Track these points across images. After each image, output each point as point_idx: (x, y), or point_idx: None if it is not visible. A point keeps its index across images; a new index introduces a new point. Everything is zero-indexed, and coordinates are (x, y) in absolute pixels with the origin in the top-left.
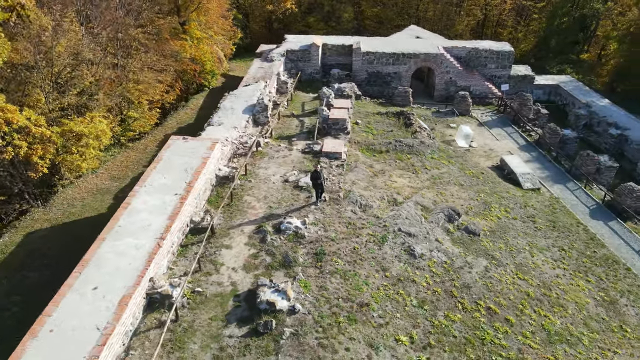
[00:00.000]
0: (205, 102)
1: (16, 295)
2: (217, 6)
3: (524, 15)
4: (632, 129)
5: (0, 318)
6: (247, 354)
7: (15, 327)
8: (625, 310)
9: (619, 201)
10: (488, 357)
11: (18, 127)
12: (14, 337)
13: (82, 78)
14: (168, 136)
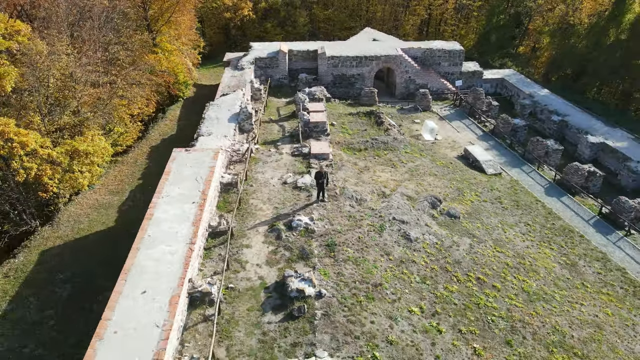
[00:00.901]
0: (182, 112)
1: (49, 309)
2: (189, 19)
3: (465, 14)
4: (571, 115)
5: (41, 332)
6: (287, 335)
7: (56, 338)
8: (584, 270)
9: (568, 179)
10: (484, 318)
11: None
12: (61, 347)
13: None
14: (154, 148)
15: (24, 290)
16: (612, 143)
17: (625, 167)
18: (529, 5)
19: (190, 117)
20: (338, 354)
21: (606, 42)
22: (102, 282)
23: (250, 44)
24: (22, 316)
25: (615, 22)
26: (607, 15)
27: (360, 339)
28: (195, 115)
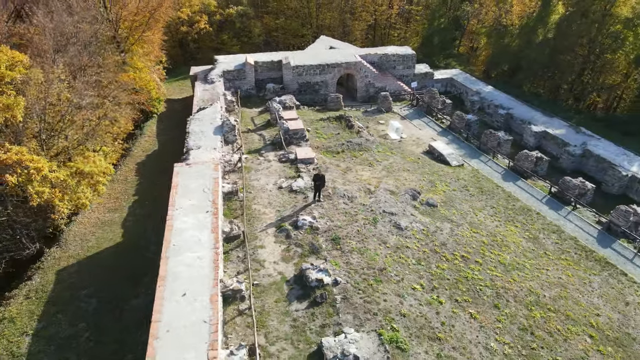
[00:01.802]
0: (159, 128)
1: (80, 323)
2: (159, 38)
3: (408, 18)
4: (514, 108)
5: (77, 344)
6: (315, 319)
7: (94, 348)
8: (544, 242)
9: (519, 165)
10: (474, 288)
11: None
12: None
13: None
14: (140, 164)
15: (50, 309)
16: (552, 131)
17: (565, 152)
18: (466, 9)
19: (168, 132)
20: (362, 329)
21: (535, 40)
22: (125, 293)
23: (215, 58)
24: (54, 332)
25: (542, 22)
26: (535, 17)
27: (377, 315)
28: (172, 129)
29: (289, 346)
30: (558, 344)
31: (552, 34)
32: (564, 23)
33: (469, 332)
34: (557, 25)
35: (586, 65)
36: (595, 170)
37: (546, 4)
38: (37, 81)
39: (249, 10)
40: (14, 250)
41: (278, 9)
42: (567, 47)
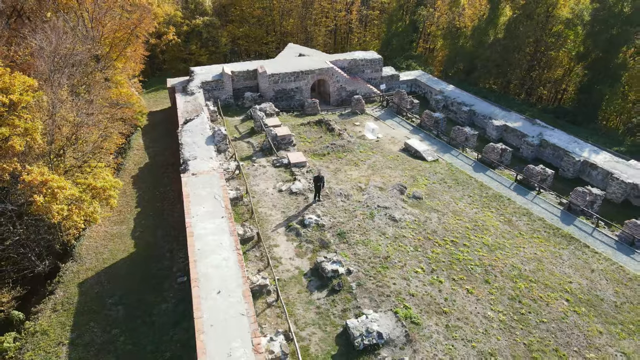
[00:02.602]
0: (145, 141)
1: (113, 329)
2: (142, 52)
3: (366, 23)
4: (476, 105)
5: (115, 348)
6: (336, 305)
7: (132, 350)
8: (518, 224)
9: (487, 157)
10: (466, 267)
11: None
12: (141, 355)
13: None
14: (135, 177)
15: (81, 319)
16: (511, 124)
17: (525, 142)
18: (422, 13)
19: (155, 144)
20: (379, 309)
21: (487, 41)
22: (150, 298)
23: (191, 69)
24: (90, 340)
25: (492, 24)
26: (485, 19)
27: (390, 296)
28: (159, 141)
29: (318, 330)
30: (542, 308)
31: (501, 35)
32: (512, 25)
33: (468, 304)
34: (506, 27)
35: (533, 62)
36: (552, 158)
37: (495, 7)
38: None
39: (215, 20)
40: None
41: (241, 17)
42: (516, 46)
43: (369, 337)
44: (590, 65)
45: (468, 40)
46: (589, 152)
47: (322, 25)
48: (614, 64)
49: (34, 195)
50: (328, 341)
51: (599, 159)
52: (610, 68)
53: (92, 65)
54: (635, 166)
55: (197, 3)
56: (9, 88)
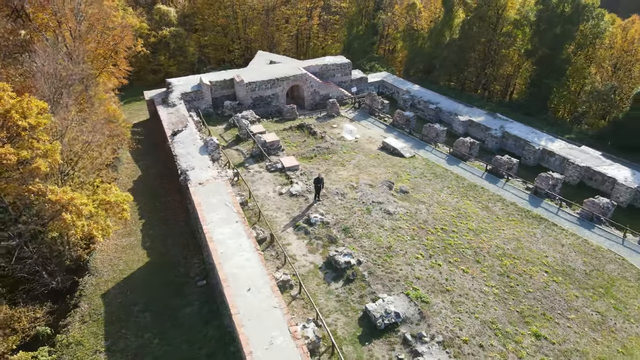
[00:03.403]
0: (133, 154)
1: (146, 334)
2: (125, 68)
3: (327, 27)
4: (441, 102)
5: (151, 350)
6: (353, 292)
7: (168, 350)
8: (494, 210)
9: (458, 150)
10: (458, 251)
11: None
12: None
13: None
14: (132, 190)
15: (111, 327)
16: (475, 119)
17: (489, 135)
18: (381, 17)
19: (144, 157)
20: (392, 292)
21: (444, 41)
22: (175, 303)
23: (168, 81)
24: (125, 346)
25: (447, 26)
26: (440, 21)
27: (400, 281)
28: (147, 154)
29: (341, 315)
30: (527, 280)
31: (457, 36)
32: (466, 26)
33: (466, 282)
34: (461, 28)
35: (487, 60)
36: (514, 148)
37: (449, 10)
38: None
39: (182, 31)
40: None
41: (205, 26)
42: (471, 46)
43: (388, 317)
44: (538, 62)
45: (426, 42)
46: (546, 141)
47: (284, 31)
48: (558, 60)
49: (63, 213)
50: (352, 324)
51: (555, 147)
52: (556, 63)
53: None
54: (587, 151)
55: (162, 14)
56: (26, 112)
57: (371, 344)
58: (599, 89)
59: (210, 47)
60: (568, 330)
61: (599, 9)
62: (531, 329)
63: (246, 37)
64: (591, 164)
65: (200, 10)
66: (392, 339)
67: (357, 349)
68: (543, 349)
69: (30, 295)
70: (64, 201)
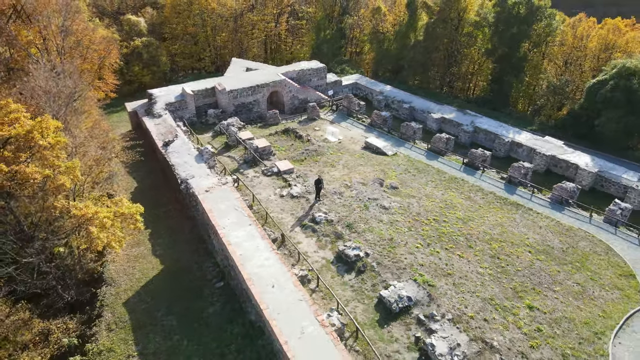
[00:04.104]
0: (124, 167)
1: (174, 335)
2: (113, 81)
3: (295, 32)
4: (414, 101)
5: (182, 350)
6: (366, 282)
7: (199, 349)
8: (476, 199)
9: (436, 146)
10: (452, 238)
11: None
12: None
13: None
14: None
15: (139, 333)
16: (447, 116)
17: (461, 130)
18: (348, 21)
19: (136, 169)
20: (401, 279)
21: (409, 43)
22: (196, 304)
23: (150, 92)
24: (156, 348)
25: (412, 28)
26: (405, 24)
27: (406, 268)
28: (139, 167)
29: (358, 304)
30: (515, 260)
31: (421, 37)
32: (430, 28)
33: (463, 266)
34: (425, 30)
35: (451, 59)
36: (485, 141)
37: (413, 13)
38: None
39: (154, 41)
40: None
41: (174, 34)
42: (435, 47)
43: (401, 301)
44: (498, 60)
45: (392, 43)
46: (513, 134)
47: (252, 37)
48: (516, 58)
49: (89, 227)
50: (369, 311)
51: (522, 139)
52: (514, 61)
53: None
54: (550, 141)
55: (132, 24)
56: (44, 131)
57: (389, 326)
58: (555, 84)
59: (180, 56)
60: (555, 301)
61: (550, 9)
62: (525, 302)
63: (216, 45)
64: (555, 152)
65: (169, 19)
66: (408, 320)
67: (377, 332)
68: (537, 318)
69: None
70: (89, 215)
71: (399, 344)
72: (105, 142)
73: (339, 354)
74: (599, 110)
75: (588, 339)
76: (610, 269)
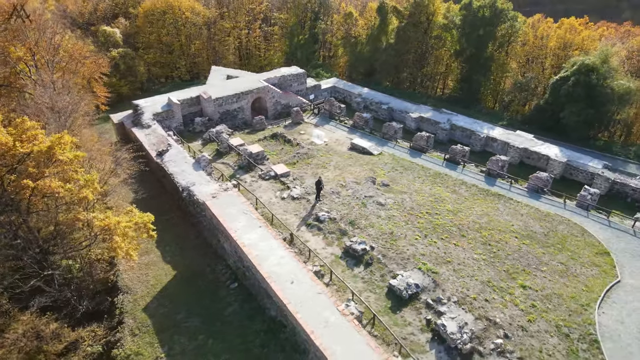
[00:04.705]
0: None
1: (199, 335)
2: (104, 94)
3: (268, 38)
4: (391, 102)
5: (207, 348)
6: (374, 274)
7: (224, 346)
8: (461, 192)
9: (417, 144)
10: (445, 229)
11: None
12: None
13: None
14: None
15: (163, 336)
16: (425, 115)
17: (439, 128)
18: (321, 26)
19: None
20: (406, 269)
21: (381, 46)
22: (215, 305)
23: (135, 103)
24: (183, 349)
25: (384, 32)
26: (377, 28)
27: (410, 258)
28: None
29: (370, 293)
30: (504, 246)
31: (393, 40)
32: (401, 31)
33: (460, 253)
34: (396, 33)
35: (422, 61)
36: (462, 137)
37: (383, 18)
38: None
39: (130, 51)
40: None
41: (148, 44)
42: (407, 49)
43: (410, 289)
44: (466, 60)
45: (365, 47)
46: (487, 129)
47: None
48: (483, 58)
49: (114, 236)
50: (381, 299)
51: (496, 134)
52: (481, 61)
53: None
54: (522, 135)
55: (107, 35)
56: (64, 147)
57: (401, 311)
58: (521, 81)
59: (156, 65)
60: (544, 280)
61: (513, 11)
62: (518, 282)
63: (190, 53)
64: (527, 145)
65: (141, 29)
66: (417, 305)
67: (392, 318)
68: (530, 296)
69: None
70: (111, 225)
71: (413, 326)
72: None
73: (363, 339)
74: (563, 104)
75: (576, 311)
76: (587, 248)
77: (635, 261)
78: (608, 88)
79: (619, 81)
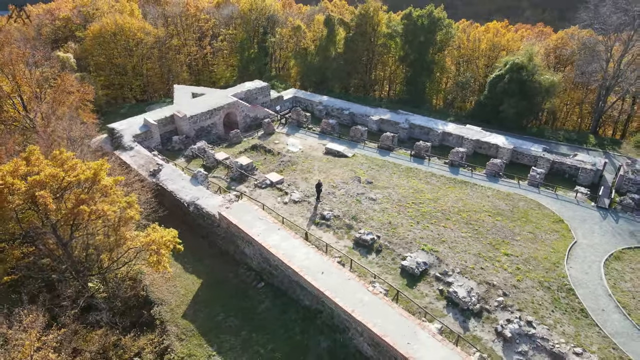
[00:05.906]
0: None
1: (241, 331)
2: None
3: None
4: (352, 108)
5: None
6: (386, 259)
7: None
8: (433, 182)
9: (385, 144)
10: (431, 215)
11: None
12: (279, 336)
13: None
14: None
15: (209, 336)
16: (384, 117)
17: (399, 128)
18: (270, 40)
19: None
20: (412, 251)
21: (330, 56)
22: (248, 304)
23: (110, 127)
24: (231, 346)
25: (332, 42)
26: (325, 39)
27: (412, 242)
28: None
29: (387, 275)
30: (482, 224)
31: (342, 49)
32: (349, 41)
33: (450, 234)
34: (345, 43)
35: (370, 67)
36: (420, 135)
37: (331, 29)
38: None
39: (86, 75)
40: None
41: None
42: (356, 57)
43: (420, 266)
44: (410, 64)
45: (315, 57)
46: (442, 126)
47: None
48: (426, 62)
49: (161, 250)
50: (397, 278)
51: (450, 129)
52: (424, 65)
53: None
54: (472, 128)
55: (63, 61)
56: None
57: (416, 286)
58: (462, 81)
59: (110, 87)
60: (521, 247)
61: (448, 19)
62: (502, 252)
63: (144, 73)
64: (479, 137)
65: (90, 52)
66: (429, 279)
67: (410, 292)
68: (514, 261)
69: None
70: (156, 240)
71: (429, 297)
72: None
73: (396, 311)
74: (501, 99)
75: (550, 269)
76: (545, 218)
77: (584, 225)
78: (536, 82)
79: (544, 76)
